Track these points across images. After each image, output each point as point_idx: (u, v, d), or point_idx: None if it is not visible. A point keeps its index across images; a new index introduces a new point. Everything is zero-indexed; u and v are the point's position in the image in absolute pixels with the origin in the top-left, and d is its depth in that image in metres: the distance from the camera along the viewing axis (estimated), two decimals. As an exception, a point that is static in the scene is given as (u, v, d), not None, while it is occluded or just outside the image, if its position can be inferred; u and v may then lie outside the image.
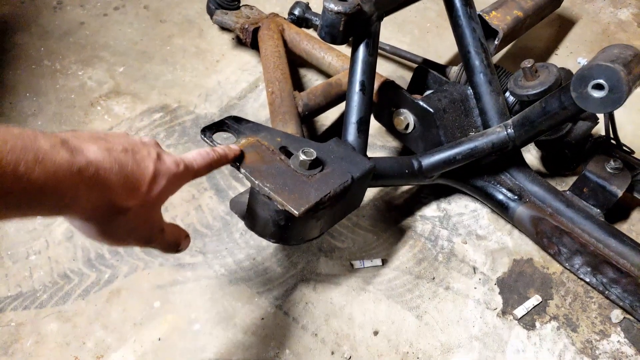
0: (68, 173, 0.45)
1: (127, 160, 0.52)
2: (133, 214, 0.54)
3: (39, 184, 0.43)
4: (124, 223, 0.54)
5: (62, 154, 0.45)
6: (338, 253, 1.04)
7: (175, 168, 0.58)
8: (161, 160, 0.57)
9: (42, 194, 0.43)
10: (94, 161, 0.48)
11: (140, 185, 0.53)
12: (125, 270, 0.99)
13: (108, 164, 0.49)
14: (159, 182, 0.55)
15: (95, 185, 0.48)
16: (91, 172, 0.47)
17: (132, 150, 0.54)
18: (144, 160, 0.54)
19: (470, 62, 1.07)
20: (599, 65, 0.77)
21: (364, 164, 0.83)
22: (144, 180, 0.54)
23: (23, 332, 0.91)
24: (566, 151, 1.14)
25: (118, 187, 0.51)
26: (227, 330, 0.93)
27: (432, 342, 0.94)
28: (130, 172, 0.52)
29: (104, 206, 0.50)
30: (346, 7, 0.84)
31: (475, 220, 1.12)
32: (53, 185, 0.44)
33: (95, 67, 1.40)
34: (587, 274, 0.99)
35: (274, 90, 1.10)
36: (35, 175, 0.42)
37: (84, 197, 0.47)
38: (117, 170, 0.50)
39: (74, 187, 0.46)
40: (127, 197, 0.52)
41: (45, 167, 0.43)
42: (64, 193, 0.45)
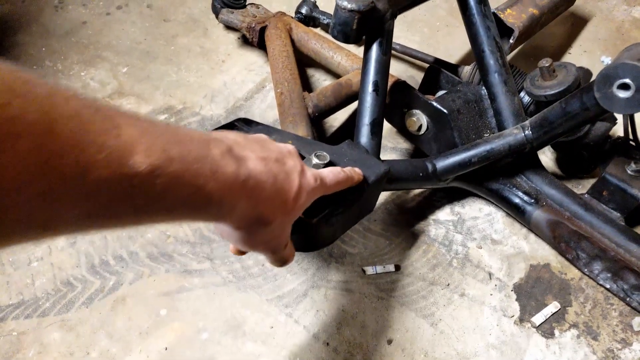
0: (235, 185, 0.45)
1: (279, 172, 0.51)
2: (274, 227, 0.52)
3: (210, 196, 0.42)
4: (265, 233, 0.52)
5: (231, 165, 0.44)
6: (349, 259, 1.01)
7: (314, 183, 0.56)
8: (304, 173, 0.55)
9: (209, 205, 0.43)
10: (254, 172, 0.47)
11: (288, 199, 0.52)
12: (131, 277, 0.97)
13: (265, 176, 0.48)
14: (301, 196, 0.54)
15: (252, 197, 0.47)
16: (251, 184, 0.47)
17: (282, 162, 0.52)
18: (292, 172, 0.53)
19: (484, 61, 1.04)
20: (626, 64, 0.74)
21: (378, 167, 0.80)
22: (291, 194, 0.52)
23: (25, 341, 0.88)
24: (584, 153, 1.11)
25: (270, 200, 0.49)
26: (236, 339, 0.90)
27: (447, 351, 0.91)
28: (280, 185, 0.51)
29: (254, 217, 0.49)
30: (360, 5, 0.81)
31: (490, 224, 1.09)
32: (220, 196, 0.43)
33: (98, 67, 1.37)
34: (607, 280, 0.96)
35: (283, 91, 1.07)
36: (209, 188, 0.42)
37: (240, 208, 0.47)
38: (271, 183, 0.49)
39: (236, 198, 0.45)
40: (275, 211, 0.51)
41: (218, 179, 0.42)
42: (226, 203, 0.45)
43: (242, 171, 0.45)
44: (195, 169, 0.40)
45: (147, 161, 0.36)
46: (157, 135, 0.38)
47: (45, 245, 1.00)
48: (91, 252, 1.00)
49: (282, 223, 0.53)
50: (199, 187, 0.41)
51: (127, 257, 0.99)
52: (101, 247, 1.00)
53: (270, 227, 0.52)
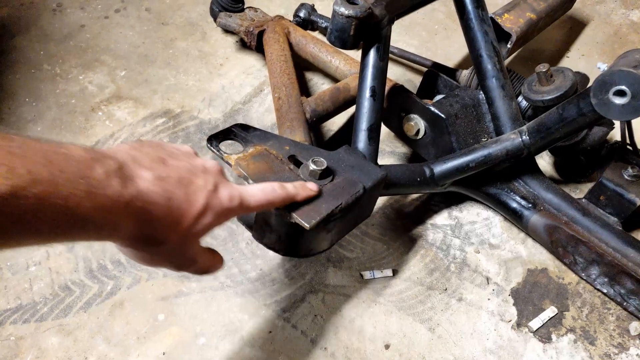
0: (115, 207, 0.44)
1: (178, 194, 0.50)
2: (170, 247, 0.52)
3: (84, 217, 0.42)
4: (159, 252, 0.52)
5: (114, 185, 0.44)
6: (347, 263, 1.01)
7: (228, 203, 0.55)
8: (216, 193, 0.54)
9: (85, 225, 0.42)
10: (144, 192, 0.47)
11: (184, 221, 0.51)
12: (129, 282, 0.97)
13: (157, 197, 0.48)
14: (205, 216, 0.53)
15: (138, 218, 0.47)
16: (138, 206, 0.46)
17: (188, 181, 0.52)
18: (196, 193, 0.52)
19: (482, 66, 1.04)
20: (621, 71, 0.74)
21: (375, 173, 0.81)
22: (188, 217, 0.51)
23: (23, 346, 0.88)
24: (581, 157, 1.11)
25: (160, 221, 0.49)
26: (234, 344, 0.90)
27: (445, 355, 0.91)
28: (176, 206, 0.50)
29: (143, 238, 0.49)
30: (357, 11, 0.81)
31: (487, 228, 1.09)
32: (97, 217, 0.43)
33: (96, 71, 1.37)
34: (604, 284, 0.96)
35: (281, 96, 1.07)
36: (84, 210, 0.41)
37: (124, 229, 0.46)
38: (163, 204, 0.48)
39: (117, 220, 0.45)
40: (167, 232, 0.50)
41: (95, 200, 0.42)
42: (106, 224, 0.44)
43: (128, 191, 0.45)
44: (66, 190, 0.40)
45: (7, 183, 0.36)
46: (24, 156, 0.38)
47: (43, 249, 1.00)
48: (89, 256, 1.00)
49: (180, 243, 0.52)
50: (70, 208, 0.40)
51: (124, 262, 0.99)
52: (99, 252, 1.00)
53: (165, 247, 0.51)
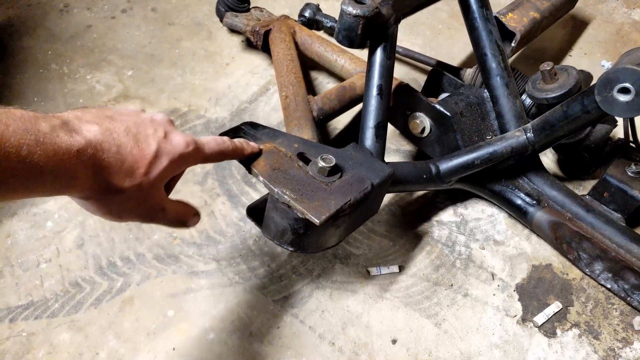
0: (67, 155, 0.46)
1: (127, 142, 0.52)
2: (130, 194, 0.53)
3: (40, 166, 0.44)
4: (122, 202, 0.53)
5: (61, 136, 0.46)
6: (354, 260, 1.03)
7: (183, 148, 0.57)
8: (167, 139, 0.56)
9: (43, 175, 0.45)
10: (93, 142, 0.48)
11: (138, 167, 0.52)
12: (138, 279, 0.98)
13: (107, 145, 0.50)
14: (160, 162, 0.55)
15: (92, 166, 0.49)
16: (89, 153, 0.48)
17: (136, 130, 0.53)
18: (147, 139, 0.54)
19: (486, 64, 1.05)
20: (626, 69, 0.75)
21: (383, 169, 0.82)
22: (142, 162, 0.53)
23: (35, 342, 0.89)
24: (585, 154, 1.12)
25: (114, 168, 0.51)
26: (243, 339, 0.91)
27: (451, 350, 0.92)
28: (128, 153, 0.52)
29: (101, 186, 0.50)
30: (364, 11, 0.82)
31: (492, 225, 1.10)
32: (53, 166, 0.45)
33: (103, 70, 1.38)
34: (608, 280, 0.97)
35: (288, 95, 1.08)
36: (37, 158, 0.43)
37: (81, 178, 0.48)
38: (114, 152, 0.50)
39: (72, 168, 0.47)
40: (124, 178, 0.52)
41: (45, 149, 0.44)
42: (63, 174, 0.46)
43: (77, 140, 0.47)
44: (15, 140, 0.42)
45: None
46: None
47: (54, 246, 1.01)
48: (99, 253, 1.01)
49: (139, 189, 0.54)
50: (23, 156, 0.42)
51: (134, 259, 1.01)
52: (108, 249, 1.02)
53: (125, 195, 0.53)
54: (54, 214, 1.06)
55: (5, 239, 1.02)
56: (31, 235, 1.03)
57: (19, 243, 1.02)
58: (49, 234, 1.03)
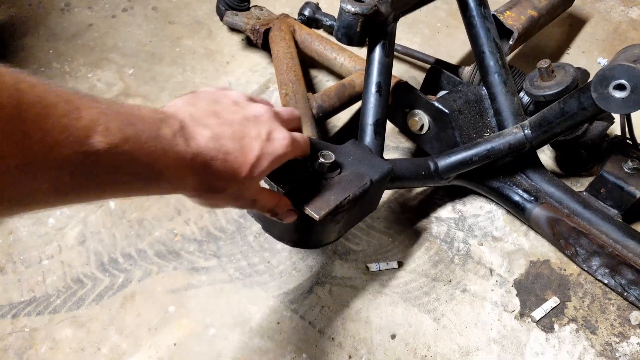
0: (182, 162, 0.49)
1: (233, 148, 0.55)
2: (230, 192, 0.57)
3: (160, 172, 0.47)
4: (222, 197, 0.57)
5: (180, 144, 0.49)
6: (353, 256, 1.03)
7: (284, 149, 0.60)
8: (270, 140, 0.58)
9: (160, 179, 0.48)
10: (204, 150, 0.51)
11: (240, 172, 0.56)
12: (139, 275, 0.99)
13: (215, 152, 0.53)
14: (261, 164, 0.57)
15: (202, 172, 0.52)
16: (200, 161, 0.51)
17: (241, 134, 0.56)
18: (251, 143, 0.56)
19: (484, 62, 1.06)
20: (621, 66, 0.76)
21: (381, 166, 0.83)
22: (245, 166, 0.56)
23: (37, 337, 0.90)
24: (582, 151, 1.13)
25: (220, 174, 0.54)
26: (243, 334, 0.92)
27: (450, 345, 0.93)
28: (234, 160, 0.55)
29: (205, 188, 0.54)
30: (363, 8, 0.83)
31: (490, 221, 1.11)
32: (170, 172, 0.48)
33: (104, 69, 1.39)
34: (605, 275, 0.98)
35: (288, 92, 1.09)
36: (160, 165, 0.47)
37: (189, 182, 0.52)
38: (222, 159, 0.53)
39: (183, 174, 0.50)
40: (227, 182, 0.55)
41: (167, 157, 0.47)
42: (176, 179, 0.50)
43: (191, 149, 0.50)
44: (148, 147, 0.45)
45: (105, 140, 0.40)
46: (113, 116, 0.42)
47: (56, 243, 1.02)
48: (100, 250, 1.02)
49: (239, 188, 0.57)
50: (152, 163, 0.46)
51: (135, 255, 1.01)
52: (110, 245, 1.03)
53: (225, 193, 0.56)
54: (56, 211, 1.07)
55: (7, 236, 1.03)
56: (33, 232, 1.04)
57: (21, 240, 1.03)
58: (51, 231, 1.04)
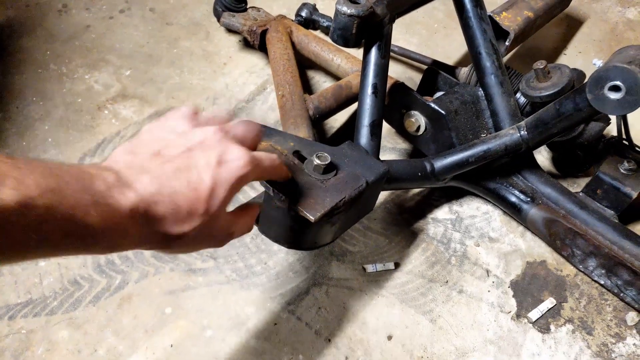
0: (118, 215, 0.44)
1: (179, 187, 0.49)
2: (195, 236, 0.51)
3: (93, 228, 0.42)
4: (187, 242, 0.51)
5: (115, 196, 0.44)
6: (350, 257, 1.04)
7: (241, 171, 0.53)
8: (222, 165, 0.51)
9: (96, 236, 0.43)
10: (144, 196, 0.46)
11: (196, 209, 0.50)
12: (136, 276, 0.99)
13: (158, 196, 0.47)
14: (217, 194, 0.51)
15: (145, 222, 0.47)
16: (141, 211, 0.46)
17: (187, 167, 0.50)
18: (200, 175, 0.50)
19: (481, 63, 1.06)
20: (616, 67, 0.76)
21: (377, 167, 0.83)
22: (199, 203, 0.50)
23: (34, 339, 0.90)
24: (578, 152, 1.13)
25: (170, 218, 0.48)
26: (240, 336, 0.92)
27: (446, 346, 0.93)
28: (183, 199, 0.49)
29: (160, 237, 0.49)
30: (359, 10, 0.83)
31: (487, 222, 1.11)
32: (105, 227, 0.43)
33: (101, 70, 1.39)
34: (601, 276, 0.98)
35: (285, 94, 1.09)
36: (90, 220, 0.42)
37: (133, 235, 0.46)
38: (168, 202, 0.48)
39: (125, 227, 0.45)
40: (182, 225, 0.49)
41: (101, 210, 0.43)
42: (115, 233, 0.45)
43: (128, 200, 0.45)
44: (73, 200, 0.40)
45: (16, 194, 0.37)
46: (30, 169, 0.39)
47: (53, 245, 1.02)
48: (97, 251, 1.02)
49: (203, 227, 0.51)
50: (78, 218, 0.41)
51: (132, 257, 1.01)
52: (107, 247, 1.02)
53: (188, 238, 0.50)
54: (53, 213, 1.07)
55: (4, 238, 1.03)
56: (30, 234, 1.04)
57: (18, 241, 1.02)
58: (47, 233, 1.04)
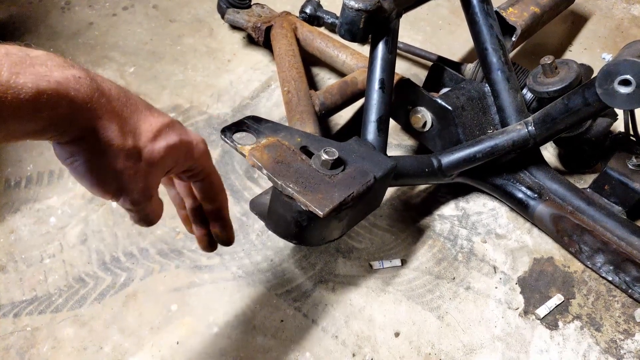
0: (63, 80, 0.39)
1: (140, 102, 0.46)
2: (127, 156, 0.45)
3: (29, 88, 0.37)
4: (115, 162, 0.44)
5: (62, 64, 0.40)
6: (356, 254, 1.03)
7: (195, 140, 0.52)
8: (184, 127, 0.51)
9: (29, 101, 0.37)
10: (100, 81, 0.42)
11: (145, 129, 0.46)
12: (141, 273, 0.98)
13: (115, 93, 0.44)
14: (169, 134, 0.48)
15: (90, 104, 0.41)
16: (92, 86, 0.41)
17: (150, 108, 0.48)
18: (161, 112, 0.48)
19: (487, 59, 1.06)
20: (626, 61, 0.76)
21: (385, 163, 0.82)
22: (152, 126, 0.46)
23: (39, 337, 0.89)
24: (586, 148, 1.12)
25: (117, 118, 0.43)
26: (247, 333, 0.91)
27: (454, 343, 0.92)
28: (140, 112, 0.46)
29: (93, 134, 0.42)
30: (367, 4, 0.82)
31: (494, 219, 1.11)
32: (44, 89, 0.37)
33: (105, 67, 1.39)
34: (609, 272, 0.98)
35: (290, 90, 1.09)
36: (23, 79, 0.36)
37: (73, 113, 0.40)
38: (123, 100, 0.44)
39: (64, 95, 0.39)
40: (124, 133, 0.44)
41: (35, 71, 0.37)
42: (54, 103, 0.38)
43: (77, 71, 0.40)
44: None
45: None
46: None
47: (57, 242, 1.02)
48: (102, 249, 1.01)
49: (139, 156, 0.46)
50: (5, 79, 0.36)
51: (137, 254, 1.01)
52: (112, 244, 1.02)
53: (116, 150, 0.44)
54: (57, 210, 1.07)
55: (8, 235, 1.02)
56: (34, 231, 1.03)
57: (22, 239, 1.02)
58: (52, 230, 1.04)
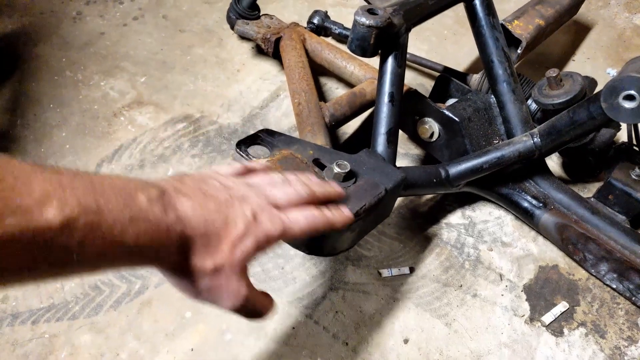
0: (157, 231, 0.45)
1: (216, 218, 0.50)
2: (213, 273, 0.50)
3: (129, 242, 0.42)
4: (200, 280, 0.50)
5: (155, 212, 0.45)
6: (365, 262, 1.05)
7: (271, 231, 0.54)
8: (256, 221, 0.53)
9: (131, 250, 0.43)
10: (183, 217, 0.48)
11: (222, 246, 0.50)
12: (156, 281, 1.00)
13: (195, 221, 0.48)
14: (245, 242, 0.52)
15: (178, 242, 0.47)
16: (178, 229, 0.47)
17: (227, 210, 0.52)
18: (235, 219, 0.52)
19: (493, 71, 1.08)
20: (631, 77, 0.78)
21: (395, 174, 0.84)
22: (227, 240, 0.51)
23: (57, 343, 0.92)
24: (590, 158, 1.15)
25: (199, 245, 0.49)
26: (259, 340, 0.93)
27: (461, 349, 0.94)
28: (214, 232, 0.50)
29: (184, 263, 0.49)
30: (377, 21, 0.85)
31: (500, 227, 1.13)
32: (141, 242, 0.44)
33: (116, 77, 1.41)
34: (613, 280, 1.00)
35: (301, 102, 1.11)
36: (128, 236, 0.42)
37: (167, 253, 0.47)
38: (202, 227, 0.49)
39: (159, 244, 0.45)
40: (205, 257, 0.49)
41: (137, 226, 0.43)
42: (150, 249, 0.45)
43: (169, 217, 0.46)
44: (111, 218, 0.40)
45: (60, 214, 0.37)
46: (73, 187, 0.39)
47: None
48: (117, 257, 1.03)
49: (222, 269, 0.50)
50: (115, 235, 0.41)
51: (151, 262, 1.03)
52: (127, 252, 1.04)
53: (202, 272, 0.50)
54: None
55: (26, 243, 1.04)
56: (51, 239, 1.05)
57: (39, 247, 1.04)
58: (68, 238, 1.06)
